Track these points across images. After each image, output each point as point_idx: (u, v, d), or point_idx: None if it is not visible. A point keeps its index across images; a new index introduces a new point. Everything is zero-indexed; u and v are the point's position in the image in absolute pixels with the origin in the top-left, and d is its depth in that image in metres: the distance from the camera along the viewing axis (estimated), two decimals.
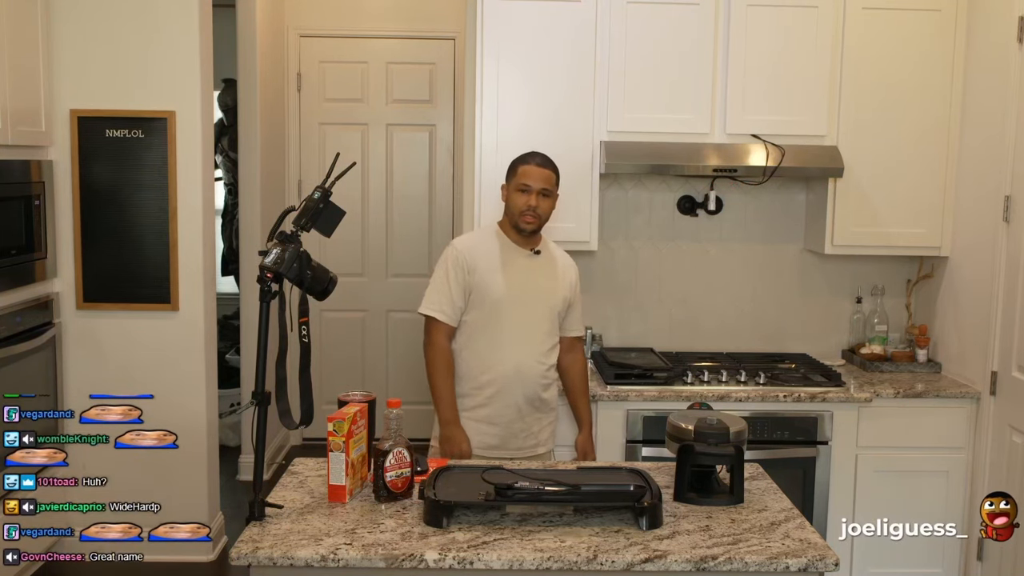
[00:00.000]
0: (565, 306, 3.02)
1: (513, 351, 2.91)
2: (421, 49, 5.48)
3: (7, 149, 3.41)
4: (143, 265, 3.84)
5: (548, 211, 2.93)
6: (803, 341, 4.00)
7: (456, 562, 1.96)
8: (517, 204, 2.89)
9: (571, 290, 3.03)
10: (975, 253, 3.55)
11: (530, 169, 2.89)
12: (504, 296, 2.89)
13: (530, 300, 2.93)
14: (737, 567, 1.98)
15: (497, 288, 2.89)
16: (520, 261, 2.95)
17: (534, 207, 2.87)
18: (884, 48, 3.59)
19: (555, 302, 2.98)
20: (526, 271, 2.95)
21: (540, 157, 2.94)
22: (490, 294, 2.89)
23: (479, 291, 2.90)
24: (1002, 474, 3.31)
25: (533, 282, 2.95)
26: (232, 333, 5.56)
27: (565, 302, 3.01)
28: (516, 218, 2.90)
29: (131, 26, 3.74)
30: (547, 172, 2.91)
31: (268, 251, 2.20)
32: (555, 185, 2.93)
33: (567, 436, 3.36)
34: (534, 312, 2.95)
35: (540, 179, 2.88)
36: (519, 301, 2.91)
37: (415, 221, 5.60)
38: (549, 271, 3.00)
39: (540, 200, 2.88)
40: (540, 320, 2.96)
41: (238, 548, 1.99)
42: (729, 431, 2.34)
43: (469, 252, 2.93)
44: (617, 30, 3.52)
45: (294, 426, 2.25)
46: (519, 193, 2.89)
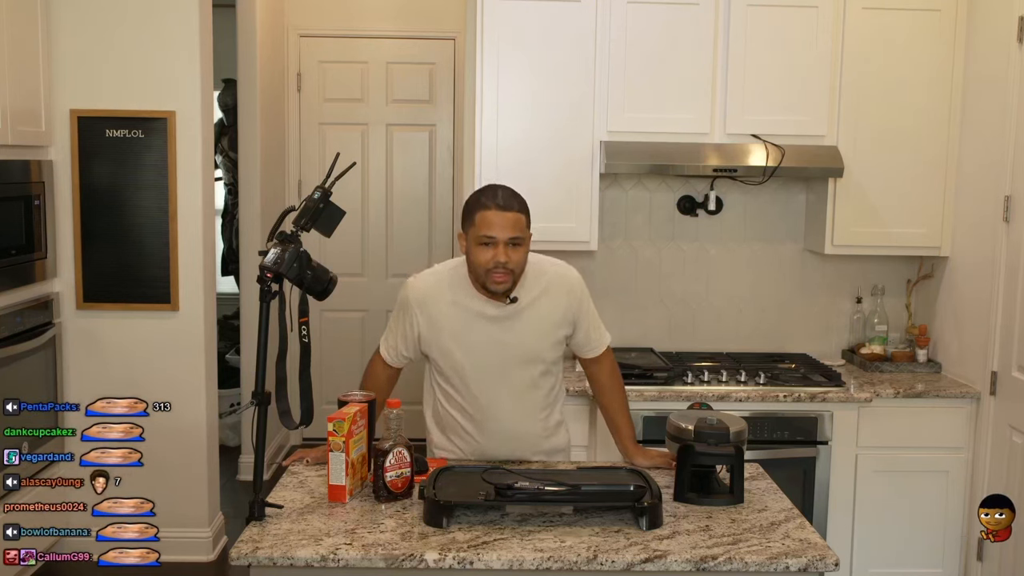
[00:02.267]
0: (563, 342, 2.53)
1: (506, 422, 2.51)
2: (421, 49, 5.48)
3: (7, 149, 3.41)
4: (143, 265, 3.84)
5: (522, 261, 2.34)
6: (803, 341, 4.00)
7: (456, 562, 1.96)
8: (480, 261, 2.32)
9: (572, 318, 2.51)
10: (975, 253, 3.55)
11: (492, 216, 2.29)
12: (470, 366, 2.45)
13: (503, 363, 2.45)
14: (737, 567, 1.98)
15: (459, 357, 2.46)
16: (491, 322, 2.43)
17: (504, 263, 2.30)
18: (884, 48, 3.59)
19: (546, 354, 2.49)
20: (500, 335, 2.43)
21: (502, 196, 2.33)
22: (450, 362, 2.48)
23: (438, 355, 2.49)
24: (1002, 474, 3.31)
25: (512, 347, 2.44)
26: (232, 333, 5.56)
27: (562, 340, 2.52)
28: (482, 278, 2.34)
29: (131, 26, 3.75)
30: (514, 216, 2.30)
31: (268, 251, 2.20)
32: (526, 228, 2.34)
33: (579, 436, 3.35)
34: (511, 374, 2.48)
35: (505, 227, 2.29)
36: (487, 369, 2.45)
37: (415, 221, 5.60)
38: (532, 321, 2.45)
39: (511, 253, 2.30)
40: (527, 378, 2.50)
41: (238, 548, 1.99)
42: (729, 431, 2.34)
43: (422, 302, 2.47)
44: (617, 30, 3.52)
45: (294, 426, 2.25)
46: (482, 247, 2.31)
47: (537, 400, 2.54)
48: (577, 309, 2.51)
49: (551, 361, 2.54)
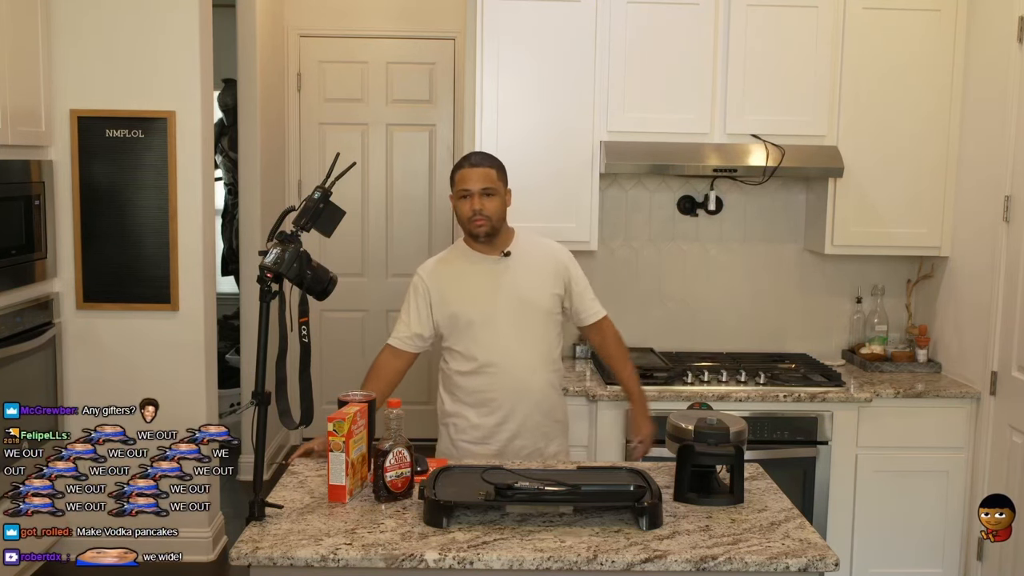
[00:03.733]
0: (557, 300, 2.81)
1: (512, 371, 2.74)
2: (421, 49, 5.48)
3: (7, 149, 3.41)
4: (143, 265, 3.84)
5: (498, 210, 2.72)
6: (803, 341, 4.00)
7: (456, 562, 1.96)
8: (462, 211, 2.71)
9: (562, 278, 2.82)
10: (975, 253, 3.55)
11: (466, 173, 2.70)
12: (479, 317, 2.72)
13: (511, 311, 2.74)
14: (737, 567, 1.98)
15: (468, 311, 2.73)
16: (489, 271, 2.76)
17: (479, 210, 2.68)
18: (884, 48, 3.59)
19: (542, 301, 2.78)
20: (498, 280, 2.75)
21: (476, 156, 2.78)
22: (463, 320, 2.73)
23: (448, 321, 2.75)
24: (1002, 474, 3.31)
25: (509, 290, 2.75)
26: (232, 333, 5.56)
27: (555, 296, 2.80)
28: (466, 226, 2.73)
29: (131, 26, 3.75)
30: (484, 170, 2.70)
31: (268, 251, 2.20)
32: (498, 180, 2.72)
33: (579, 436, 3.36)
34: (520, 321, 2.75)
35: (478, 179, 2.68)
36: (498, 317, 2.73)
37: (415, 221, 5.60)
38: (525, 270, 2.77)
39: (484, 201, 2.68)
40: (530, 327, 2.77)
41: (238, 548, 1.99)
42: (729, 431, 2.34)
43: (428, 278, 2.80)
44: (617, 30, 3.52)
45: (294, 426, 2.25)
46: (462, 200, 2.71)
47: (544, 350, 2.80)
48: (567, 272, 2.83)
49: (548, 312, 2.80)
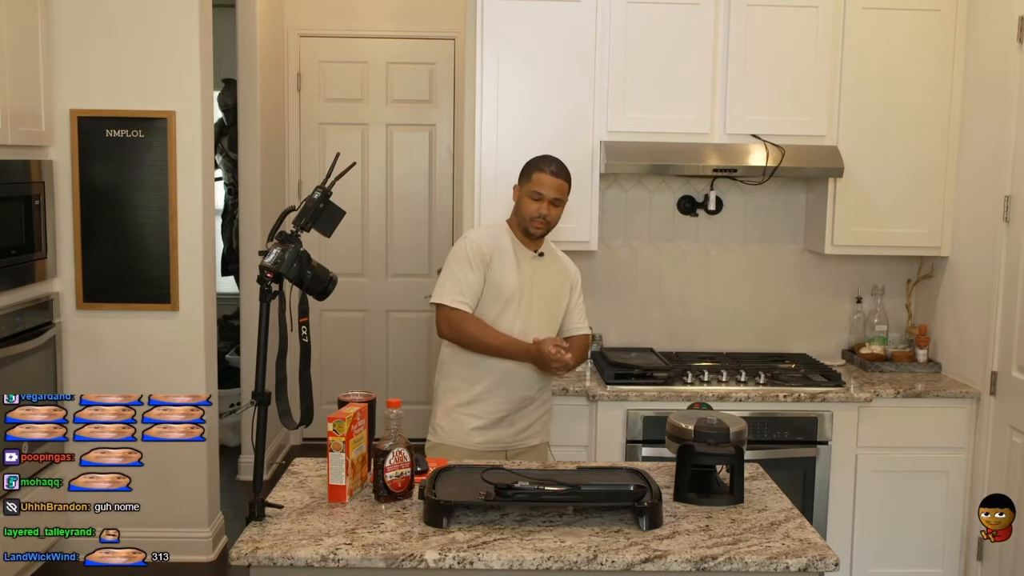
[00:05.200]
0: (563, 306, 3.03)
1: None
2: (421, 49, 5.48)
3: (7, 149, 3.41)
4: (143, 265, 3.84)
5: (557, 218, 2.94)
6: (803, 341, 4.00)
7: (456, 562, 1.96)
8: (528, 210, 2.89)
9: (569, 290, 3.04)
10: (975, 253, 3.55)
11: (545, 178, 2.88)
12: (514, 294, 2.90)
13: (534, 301, 2.94)
14: (737, 567, 1.98)
15: (509, 285, 2.90)
16: (529, 263, 2.96)
17: (544, 215, 2.88)
18: (884, 48, 3.60)
19: (556, 305, 3.00)
20: (532, 273, 2.95)
21: (556, 165, 2.92)
22: (502, 291, 2.90)
23: (492, 286, 2.90)
24: (1002, 474, 3.31)
25: (538, 283, 2.96)
26: (232, 333, 5.56)
27: (561, 302, 3.02)
28: (526, 222, 2.91)
29: (131, 26, 3.75)
30: (561, 182, 2.90)
31: (268, 251, 2.20)
32: (567, 194, 2.93)
33: (567, 435, 3.36)
34: (536, 313, 2.94)
35: (554, 188, 2.88)
36: (525, 301, 2.92)
37: (415, 221, 5.59)
38: (552, 274, 3.01)
39: (551, 208, 2.89)
40: (540, 321, 2.95)
41: (238, 548, 1.99)
42: (729, 431, 2.34)
43: (487, 245, 2.93)
44: (617, 30, 3.52)
45: (294, 426, 2.25)
46: (531, 199, 2.89)
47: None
48: (574, 283, 3.07)
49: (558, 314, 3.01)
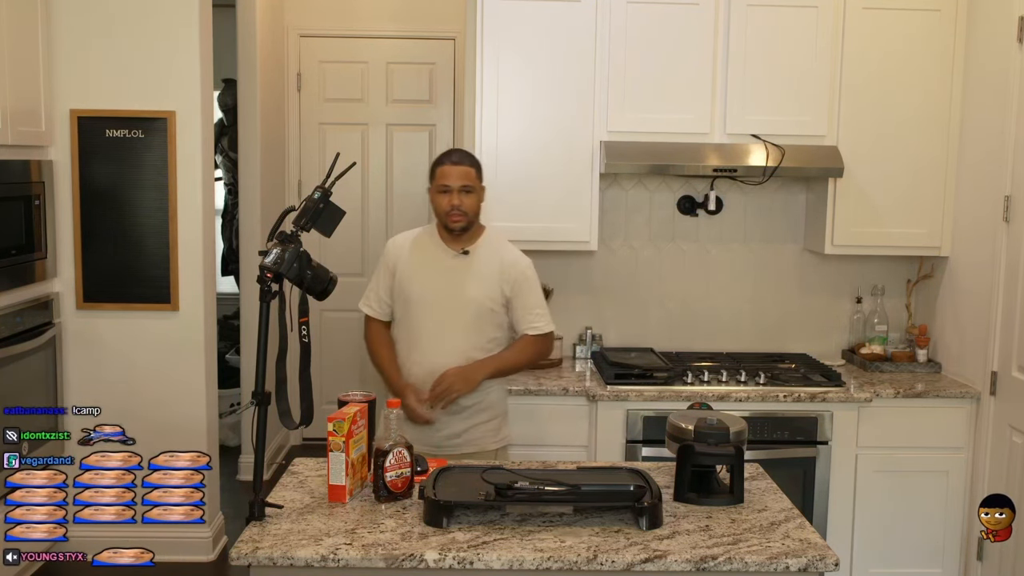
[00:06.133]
0: (497, 305, 2.89)
1: (428, 354, 2.87)
2: (421, 49, 5.48)
3: (7, 149, 3.41)
4: (143, 265, 3.84)
5: (474, 206, 2.88)
6: (803, 341, 4.00)
7: (456, 562, 1.96)
8: (441, 205, 2.85)
9: (508, 288, 2.89)
10: (975, 253, 3.55)
11: (447, 169, 2.85)
12: (418, 299, 2.87)
13: (448, 303, 2.88)
14: (737, 567, 1.98)
15: (412, 290, 2.89)
16: (445, 263, 2.90)
17: (457, 206, 2.83)
18: (884, 48, 3.59)
19: (481, 303, 2.88)
20: (449, 273, 2.89)
21: (457, 154, 2.91)
22: (410, 295, 2.89)
23: (398, 292, 2.92)
24: (1002, 474, 3.31)
25: (455, 284, 2.89)
26: (232, 333, 5.56)
27: (496, 302, 2.89)
28: (443, 219, 2.87)
29: (131, 26, 3.75)
30: (464, 168, 2.86)
31: (268, 251, 2.20)
32: (476, 179, 2.88)
33: (567, 435, 3.36)
34: (453, 315, 2.88)
35: (458, 177, 2.83)
36: (435, 304, 2.88)
37: (415, 221, 5.52)
38: (477, 271, 2.90)
39: (462, 198, 2.84)
40: (462, 323, 2.88)
41: (238, 548, 1.99)
42: (729, 431, 2.34)
43: (395, 251, 2.95)
44: (617, 30, 3.52)
45: (294, 426, 2.25)
46: (440, 195, 2.85)
47: (470, 348, 2.87)
48: (516, 280, 2.90)
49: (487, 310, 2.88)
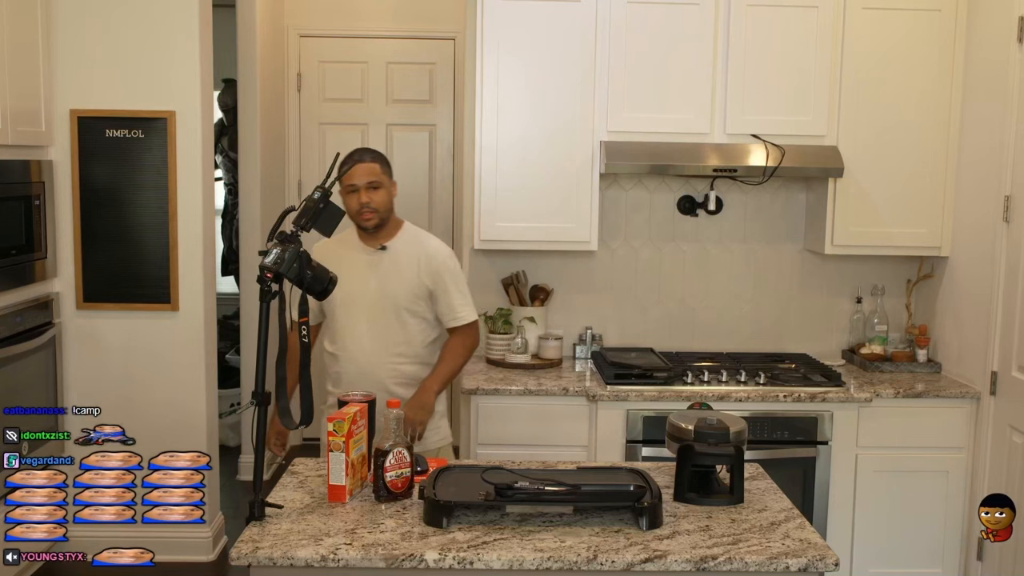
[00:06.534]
0: (419, 299, 2.90)
1: (356, 353, 2.89)
2: (421, 49, 5.48)
3: (7, 149, 3.41)
4: (143, 265, 3.84)
5: (384, 202, 2.88)
6: (803, 341, 4.00)
7: (456, 562, 1.96)
8: (351, 205, 2.85)
9: (429, 279, 2.90)
10: (975, 253, 3.55)
11: (353, 169, 2.84)
12: (341, 299, 2.83)
13: (370, 300, 2.89)
14: (737, 567, 1.98)
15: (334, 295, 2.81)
16: (360, 261, 2.90)
17: (366, 203, 2.83)
18: (884, 48, 3.59)
19: (401, 297, 2.89)
20: (368, 270, 2.90)
21: (359, 153, 2.89)
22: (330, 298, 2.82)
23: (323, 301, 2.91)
24: (1002, 474, 3.31)
25: (376, 281, 2.89)
26: (232, 333, 5.56)
27: (416, 296, 2.90)
28: (355, 219, 2.88)
29: (131, 26, 3.75)
30: (368, 165, 2.85)
31: (268, 251, 2.21)
32: (383, 174, 2.88)
33: (567, 435, 3.36)
34: (376, 312, 2.89)
35: (364, 174, 2.83)
36: (358, 303, 2.88)
37: (415, 221, 5.47)
38: (396, 266, 2.90)
39: (371, 195, 2.84)
40: (385, 319, 2.89)
41: (238, 548, 1.99)
42: (729, 431, 2.34)
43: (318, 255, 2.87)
44: (617, 30, 3.52)
45: (294, 426, 2.25)
46: (349, 195, 2.85)
47: (397, 344, 2.90)
48: (437, 275, 2.91)
49: (408, 308, 2.90)
